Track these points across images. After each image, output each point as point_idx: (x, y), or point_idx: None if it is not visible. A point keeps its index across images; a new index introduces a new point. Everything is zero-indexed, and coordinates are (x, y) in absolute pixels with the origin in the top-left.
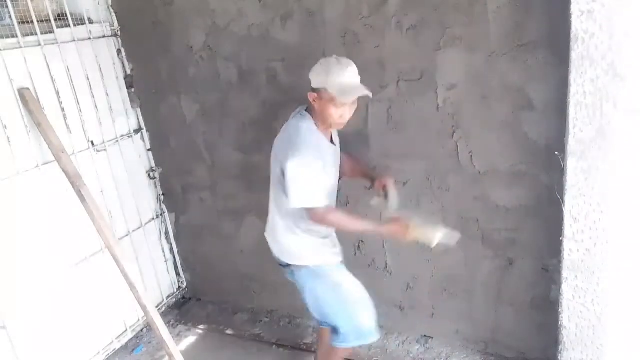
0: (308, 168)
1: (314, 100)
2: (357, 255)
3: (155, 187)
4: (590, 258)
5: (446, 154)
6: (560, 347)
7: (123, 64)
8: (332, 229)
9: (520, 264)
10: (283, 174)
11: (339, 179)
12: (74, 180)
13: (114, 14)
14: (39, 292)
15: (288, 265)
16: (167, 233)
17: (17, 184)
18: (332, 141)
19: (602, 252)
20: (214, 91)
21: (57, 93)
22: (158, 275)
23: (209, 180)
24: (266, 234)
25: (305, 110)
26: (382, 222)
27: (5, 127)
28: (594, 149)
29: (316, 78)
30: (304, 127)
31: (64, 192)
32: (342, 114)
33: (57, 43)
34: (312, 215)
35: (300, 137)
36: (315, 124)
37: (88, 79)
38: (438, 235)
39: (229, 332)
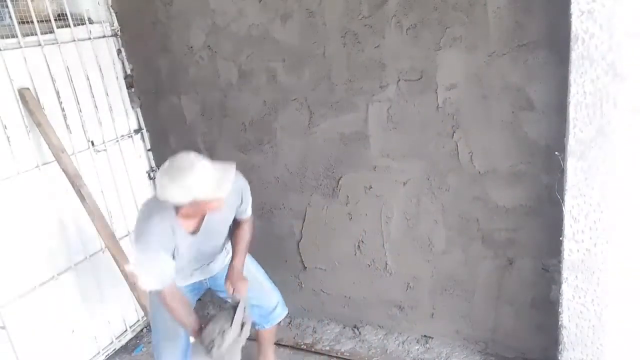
0: (140, 258)
1: (185, 211)
2: (357, 255)
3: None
4: (590, 258)
5: (446, 154)
6: (560, 347)
7: (123, 64)
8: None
9: (520, 264)
10: None
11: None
12: (74, 180)
13: (114, 14)
14: (38, 292)
15: None
16: None
17: (17, 184)
18: (197, 228)
19: (602, 252)
20: (214, 91)
21: (57, 93)
22: None
23: None
24: None
25: None
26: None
27: (5, 127)
28: (594, 149)
29: (178, 197)
30: (156, 217)
31: (64, 192)
32: (220, 201)
33: (57, 43)
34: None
35: (147, 225)
36: (176, 215)
37: (88, 79)
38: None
39: None
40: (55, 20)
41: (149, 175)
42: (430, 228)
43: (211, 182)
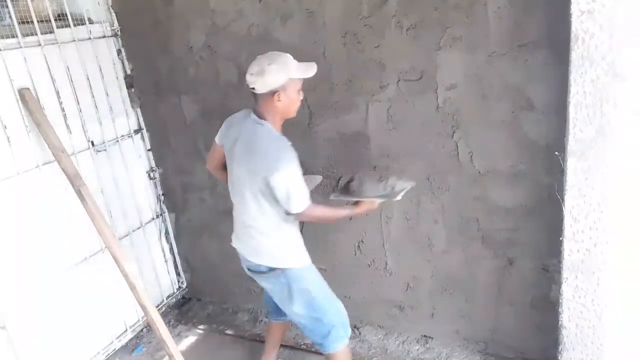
0: (294, 174)
1: (279, 100)
2: (357, 255)
3: (155, 187)
4: (590, 258)
5: (446, 154)
6: (560, 347)
7: (123, 64)
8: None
9: (520, 264)
10: (267, 185)
11: None
12: (74, 180)
13: (114, 14)
14: (39, 292)
15: (271, 270)
16: (167, 233)
17: (17, 184)
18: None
19: (602, 252)
20: (214, 91)
21: (57, 93)
22: (158, 275)
23: (209, 180)
24: (238, 243)
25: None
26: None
27: (5, 127)
28: (594, 149)
29: (276, 76)
30: (275, 136)
31: (64, 192)
32: (301, 94)
33: (57, 43)
34: (302, 216)
35: (278, 147)
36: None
37: (88, 79)
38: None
39: (229, 332)
40: (55, 20)
41: (149, 175)
42: (430, 228)
43: (301, 63)
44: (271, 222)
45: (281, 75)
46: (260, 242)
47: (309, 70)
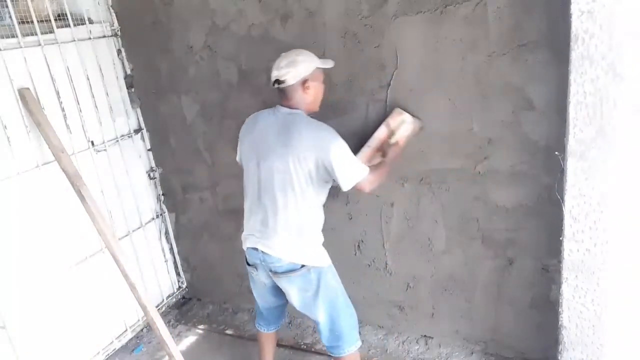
0: (346, 146)
1: (308, 89)
2: (357, 255)
3: (155, 187)
4: (590, 258)
5: (446, 154)
6: (560, 347)
7: (123, 64)
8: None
9: (520, 264)
10: (321, 165)
11: None
12: (74, 180)
13: (114, 14)
14: (38, 292)
15: (302, 267)
16: (167, 233)
17: (17, 184)
18: None
19: (602, 252)
20: (214, 91)
21: (57, 93)
22: (158, 275)
23: (209, 180)
24: (260, 243)
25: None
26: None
27: (5, 127)
28: (594, 149)
29: (306, 66)
30: (313, 120)
31: (64, 192)
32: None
33: (57, 43)
34: (365, 184)
35: (320, 126)
36: None
37: (88, 79)
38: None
39: (229, 332)
40: (55, 20)
41: (149, 175)
42: (430, 228)
43: (320, 58)
44: (304, 218)
45: (309, 65)
46: (292, 240)
47: (328, 62)
